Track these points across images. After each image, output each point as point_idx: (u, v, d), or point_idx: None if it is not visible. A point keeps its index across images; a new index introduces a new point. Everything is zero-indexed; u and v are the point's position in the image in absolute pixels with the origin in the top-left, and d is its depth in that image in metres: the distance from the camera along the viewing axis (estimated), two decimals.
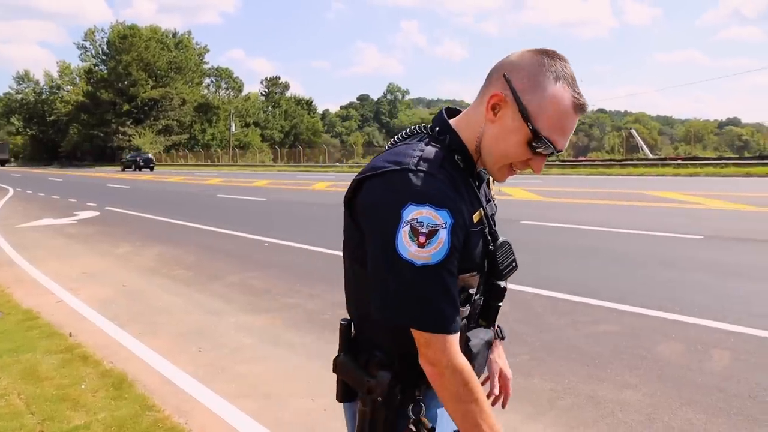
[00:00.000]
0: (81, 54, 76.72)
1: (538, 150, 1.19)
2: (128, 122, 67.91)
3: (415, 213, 1.13)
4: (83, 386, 3.82)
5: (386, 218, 1.15)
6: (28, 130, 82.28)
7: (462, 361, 1.19)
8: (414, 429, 1.28)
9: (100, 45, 74.09)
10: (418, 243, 1.13)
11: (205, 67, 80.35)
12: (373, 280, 1.20)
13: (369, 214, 1.20)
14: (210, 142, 72.67)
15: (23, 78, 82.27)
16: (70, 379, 3.95)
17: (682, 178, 22.93)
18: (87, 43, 74.77)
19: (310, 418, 3.41)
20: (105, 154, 69.88)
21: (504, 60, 1.23)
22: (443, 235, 1.14)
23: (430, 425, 1.29)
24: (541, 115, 1.16)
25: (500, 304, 1.40)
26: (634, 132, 53.98)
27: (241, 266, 7.69)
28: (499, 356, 1.69)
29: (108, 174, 41.13)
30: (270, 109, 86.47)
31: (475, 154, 1.26)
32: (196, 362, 4.30)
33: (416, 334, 1.18)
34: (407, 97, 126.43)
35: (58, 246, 9.86)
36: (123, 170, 50.44)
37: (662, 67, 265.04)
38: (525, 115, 1.16)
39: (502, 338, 1.68)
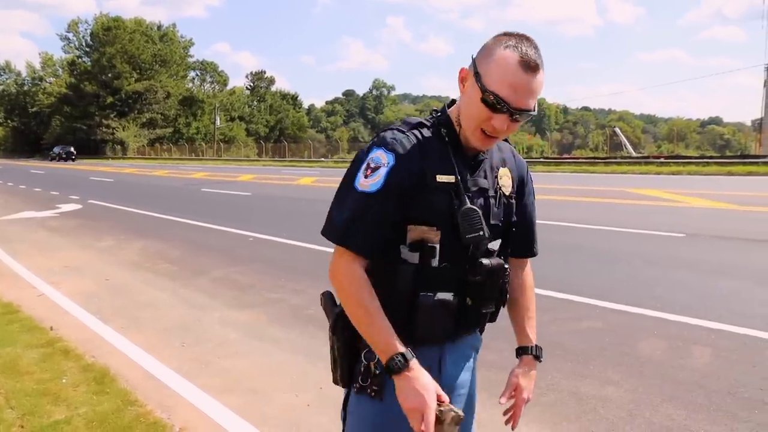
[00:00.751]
0: (64, 45, 75.77)
1: (493, 107, 1.32)
2: (112, 115, 67.21)
3: (374, 154, 1.41)
4: (64, 380, 3.78)
5: (357, 160, 1.44)
6: (9, 121, 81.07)
7: (352, 271, 1.39)
8: (362, 371, 1.45)
9: (83, 36, 73.19)
10: (365, 175, 1.41)
11: (190, 60, 79.68)
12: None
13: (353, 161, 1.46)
14: (194, 135, 72.09)
15: (4, 69, 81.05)
16: (51, 373, 3.90)
17: (665, 176, 23.16)
18: (70, 35, 73.83)
19: (294, 413, 3.40)
20: (88, 147, 69.03)
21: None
22: (382, 172, 1.39)
23: (377, 372, 1.43)
24: (489, 74, 1.32)
25: (478, 278, 1.44)
26: (617, 130, 54.39)
27: (225, 261, 7.65)
28: (524, 375, 1.73)
29: (89, 167, 40.71)
30: (255, 103, 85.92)
31: (457, 127, 1.45)
32: (180, 357, 4.27)
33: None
34: (393, 93, 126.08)
35: (40, 239, 9.75)
36: (50, 161, 56.75)
37: (646, 65, 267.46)
38: (477, 77, 1.34)
39: (536, 357, 1.74)
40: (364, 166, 1.41)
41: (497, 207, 1.52)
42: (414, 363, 1.34)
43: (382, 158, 1.40)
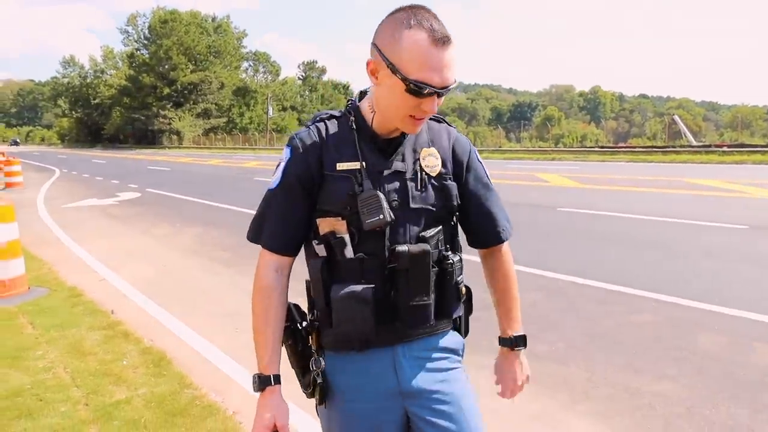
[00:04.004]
0: (124, 39, 78.22)
1: (418, 94, 1.28)
2: (168, 106, 69.01)
3: (283, 152, 1.47)
4: (125, 362, 3.94)
5: None
6: (73, 112, 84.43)
7: (262, 274, 1.50)
8: (310, 379, 1.47)
9: (141, 30, 75.24)
10: (273, 174, 1.47)
11: (243, 51, 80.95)
12: None
13: None
14: (248, 125, 73.36)
15: (69, 63, 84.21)
16: (113, 354, 4.07)
17: (727, 165, 22.21)
18: (129, 28, 76.02)
19: None
20: (146, 137, 71.26)
21: (376, 29, 1.36)
22: (282, 167, 1.45)
23: (318, 381, 1.45)
24: (404, 62, 1.26)
25: (395, 266, 1.38)
26: (677, 118, 52.47)
27: None
28: (503, 365, 1.66)
29: (147, 156, 41.98)
30: (307, 93, 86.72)
31: (370, 117, 1.43)
32: (233, 342, 4.38)
33: None
34: None
35: (102, 226, 10.14)
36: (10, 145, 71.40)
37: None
38: (393, 69, 1.28)
39: (512, 347, 1.62)
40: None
41: (420, 189, 1.43)
42: (270, 389, 1.45)
43: (283, 154, 1.46)
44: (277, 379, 1.45)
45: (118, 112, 74.20)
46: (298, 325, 1.51)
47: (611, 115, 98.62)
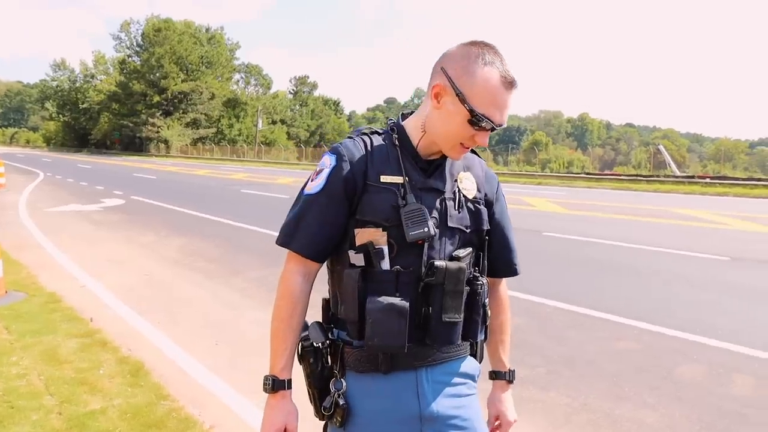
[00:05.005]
0: (116, 45, 77.94)
1: (478, 126, 1.35)
2: (158, 114, 68.69)
3: (322, 160, 1.48)
4: (101, 371, 3.87)
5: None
6: (61, 116, 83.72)
7: (290, 280, 1.46)
8: (331, 401, 1.44)
9: (134, 37, 75.08)
10: (311, 179, 1.47)
11: (236, 63, 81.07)
12: None
13: None
14: (237, 137, 73.16)
15: (59, 66, 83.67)
16: (89, 363, 4.00)
17: (710, 197, 22.51)
18: (122, 35, 75.80)
19: None
20: (133, 144, 70.79)
21: (442, 55, 1.42)
22: (325, 173, 1.44)
23: (341, 403, 1.42)
24: (474, 95, 1.33)
25: (432, 279, 1.39)
26: (662, 148, 53.11)
27: (262, 262, 7.73)
28: (501, 400, 1.67)
29: (133, 163, 41.66)
30: (297, 107, 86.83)
31: (416, 136, 1.46)
32: (213, 355, 4.33)
33: None
34: None
35: (85, 232, 10.03)
36: None
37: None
38: (461, 98, 1.34)
39: (510, 381, 1.68)
40: (314, 172, 1.48)
41: (458, 210, 1.48)
42: (282, 392, 1.46)
43: (326, 161, 1.46)
44: (290, 384, 1.47)
45: (107, 117, 73.71)
46: (321, 344, 1.48)
47: (598, 142, 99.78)
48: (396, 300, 1.37)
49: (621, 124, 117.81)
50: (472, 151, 1.59)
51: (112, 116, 72.95)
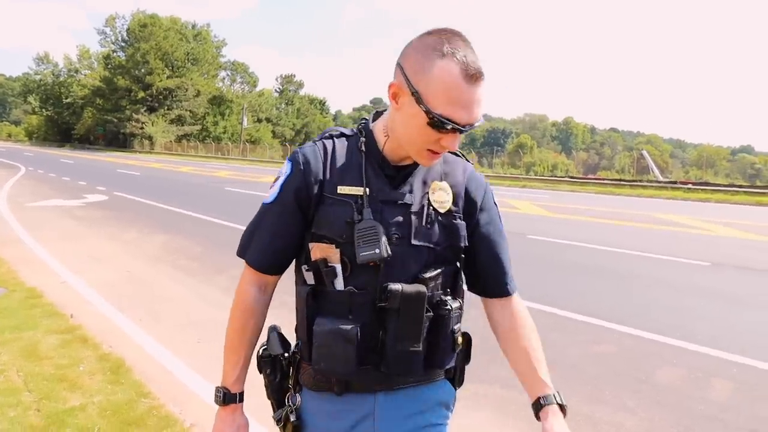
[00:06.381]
0: (101, 39, 77.08)
1: (441, 128, 1.17)
2: (142, 110, 68.11)
3: (282, 166, 1.37)
4: (81, 368, 3.83)
5: None
6: (44, 110, 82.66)
7: (244, 291, 1.40)
8: (281, 415, 1.40)
9: (120, 32, 74.36)
10: (270, 186, 1.38)
11: (222, 60, 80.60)
12: None
13: None
14: (221, 135, 72.73)
15: (42, 60, 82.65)
16: (69, 359, 3.96)
17: (691, 202, 22.79)
18: (107, 29, 75.03)
19: None
20: (117, 140, 70.12)
21: (403, 48, 1.24)
22: (280, 181, 1.35)
23: (292, 419, 1.37)
24: (430, 94, 1.15)
25: (386, 305, 1.25)
26: (645, 153, 53.71)
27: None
28: (554, 427, 1.29)
29: (117, 159, 41.27)
30: (283, 106, 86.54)
31: (382, 141, 1.31)
32: (195, 353, 4.30)
33: None
34: None
35: (67, 227, 9.91)
36: None
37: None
38: (417, 98, 1.16)
39: (562, 405, 1.33)
40: (274, 179, 1.39)
41: (426, 225, 1.30)
42: (234, 406, 1.43)
43: (284, 168, 1.35)
44: (242, 397, 1.44)
45: (90, 112, 72.93)
46: (280, 356, 1.41)
47: (582, 146, 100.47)
48: (344, 324, 1.25)
49: (605, 128, 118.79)
50: (456, 154, 1.41)
51: (96, 111, 72.19)
